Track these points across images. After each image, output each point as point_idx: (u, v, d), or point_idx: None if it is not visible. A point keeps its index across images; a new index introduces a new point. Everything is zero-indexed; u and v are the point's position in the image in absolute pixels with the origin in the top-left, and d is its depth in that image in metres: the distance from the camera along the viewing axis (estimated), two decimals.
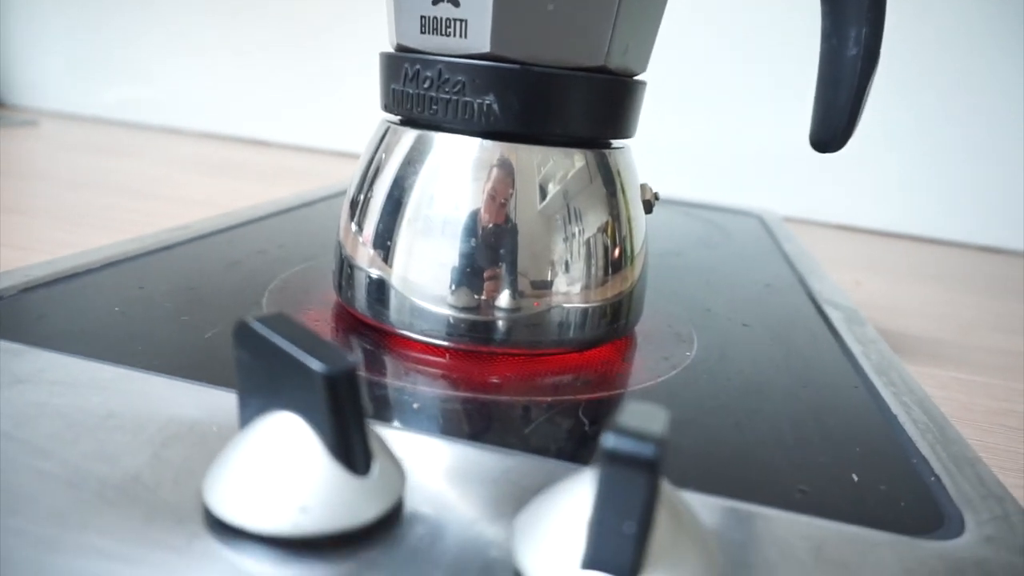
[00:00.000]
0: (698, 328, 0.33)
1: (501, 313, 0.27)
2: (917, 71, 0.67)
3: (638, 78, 0.29)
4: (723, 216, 0.65)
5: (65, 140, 0.72)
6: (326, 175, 0.68)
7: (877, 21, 0.27)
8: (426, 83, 0.26)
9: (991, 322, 0.44)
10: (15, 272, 0.30)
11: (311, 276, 0.35)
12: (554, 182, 0.27)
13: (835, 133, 0.29)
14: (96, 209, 0.46)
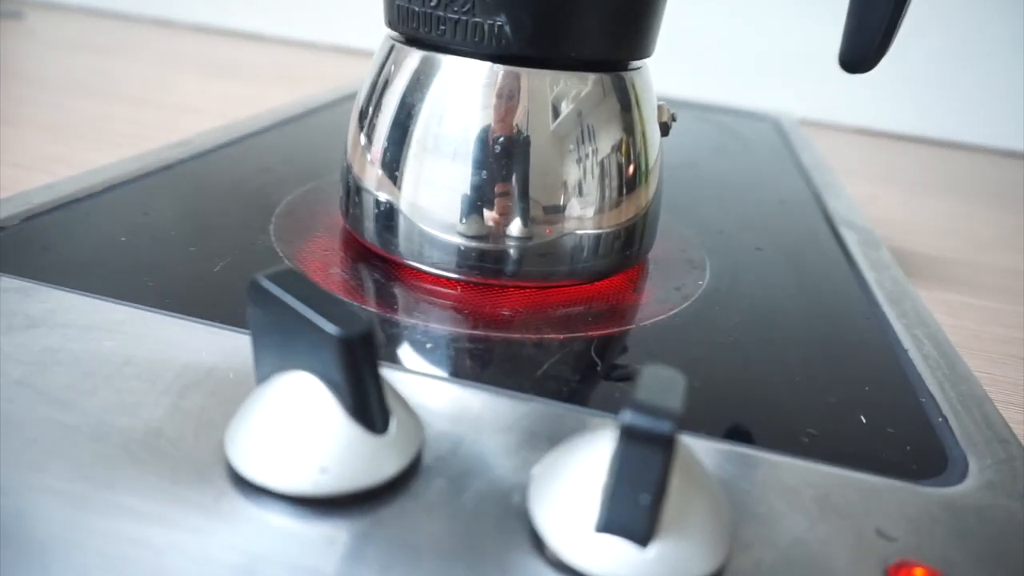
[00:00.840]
0: (711, 252, 0.33)
1: (513, 242, 0.26)
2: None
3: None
4: (738, 120, 0.62)
5: (53, 36, 0.69)
6: (325, 77, 0.66)
7: None
8: (433, 1, 0.25)
9: (1007, 239, 0.43)
10: (16, 199, 0.29)
11: (317, 198, 0.34)
12: (568, 108, 0.26)
13: (867, 53, 0.27)
14: (90, 119, 0.44)
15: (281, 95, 0.56)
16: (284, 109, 0.47)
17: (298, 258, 0.28)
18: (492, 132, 0.25)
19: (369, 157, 0.28)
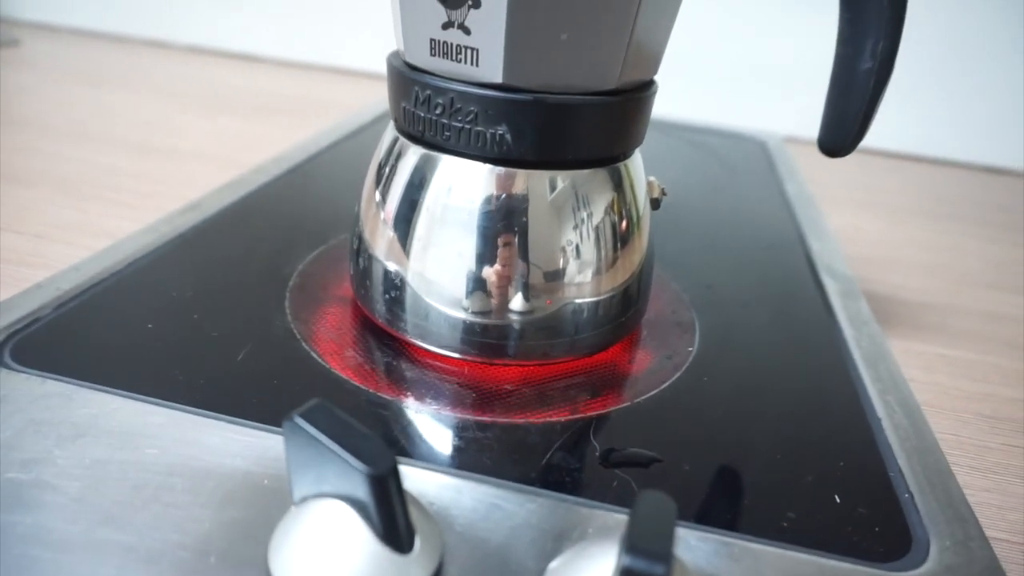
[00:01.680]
0: (699, 311, 0.35)
1: (514, 330, 0.28)
2: None
3: (652, 79, 0.29)
4: (726, 143, 0.64)
5: (51, 65, 0.69)
6: (321, 104, 0.67)
7: (894, 35, 0.26)
8: (438, 109, 0.26)
9: (986, 275, 0.45)
10: (47, 286, 0.31)
11: (326, 266, 0.36)
12: (565, 200, 0.27)
13: (845, 141, 0.29)
14: (97, 172, 0.46)
15: (281, 131, 0.57)
16: (287, 156, 0.48)
17: (315, 340, 0.30)
18: (493, 226, 0.27)
19: (376, 245, 0.29)
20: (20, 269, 0.34)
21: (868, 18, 0.26)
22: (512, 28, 0.24)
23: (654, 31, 0.27)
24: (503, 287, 0.28)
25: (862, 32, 0.27)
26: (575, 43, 0.25)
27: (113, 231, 0.38)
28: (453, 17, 0.25)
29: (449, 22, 0.25)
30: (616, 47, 0.25)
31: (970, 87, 0.68)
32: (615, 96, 0.26)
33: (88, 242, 0.37)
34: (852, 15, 0.27)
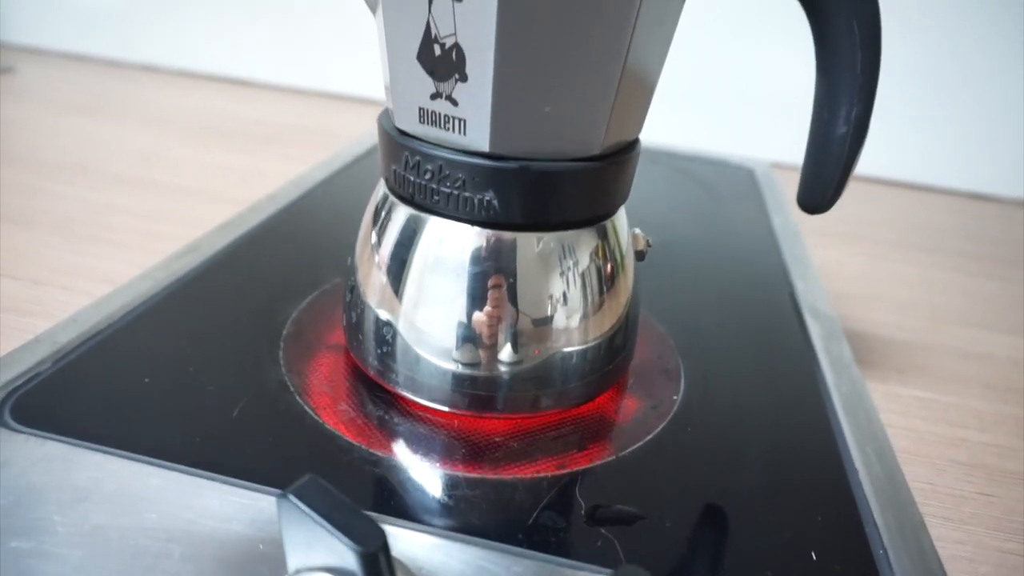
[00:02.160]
0: (685, 355, 0.36)
1: (503, 382, 0.29)
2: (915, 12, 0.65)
3: (636, 138, 0.30)
4: (713, 171, 0.65)
5: (45, 93, 0.70)
6: (317, 134, 0.68)
7: (869, 101, 0.27)
8: (427, 175, 0.27)
9: (963, 310, 0.46)
10: (44, 339, 0.31)
11: (320, 313, 0.36)
12: (552, 258, 0.28)
13: (822, 200, 0.30)
14: (94, 211, 0.46)
15: (275, 163, 0.58)
16: (281, 194, 0.49)
17: (309, 393, 0.30)
18: (481, 284, 0.28)
19: (368, 300, 0.30)
20: (20, 318, 0.35)
21: (842, 86, 0.27)
22: (498, 101, 0.25)
23: (637, 97, 0.28)
24: (492, 341, 0.29)
25: (837, 98, 0.28)
26: (559, 114, 0.26)
27: (110, 274, 0.39)
28: (441, 89, 0.26)
29: (437, 93, 0.26)
30: (599, 116, 0.26)
31: (952, 112, 0.69)
32: (599, 161, 0.27)
33: (86, 287, 0.38)
34: (827, 81, 0.28)
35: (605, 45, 0.25)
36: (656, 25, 0.26)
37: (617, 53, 0.25)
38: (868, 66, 0.27)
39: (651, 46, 0.27)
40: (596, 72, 0.25)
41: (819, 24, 0.27)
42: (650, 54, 0.27)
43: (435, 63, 0.25)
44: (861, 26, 0.26)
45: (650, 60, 0.27)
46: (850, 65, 0.27)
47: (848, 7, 0.26)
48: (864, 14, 0.26)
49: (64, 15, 0.82)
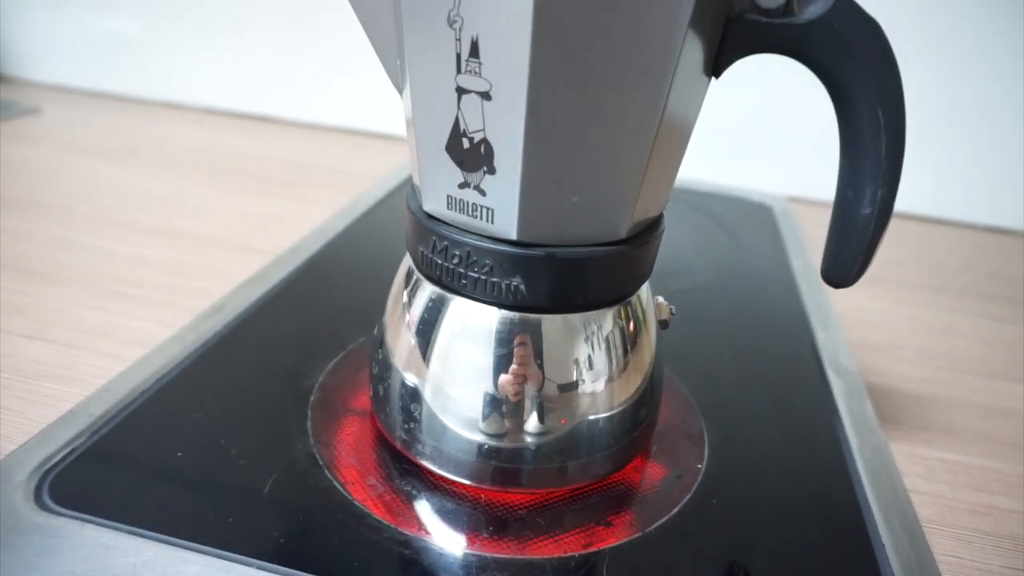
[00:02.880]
0: (708, 418, 0.36)
1: (528, 458, 0.29)
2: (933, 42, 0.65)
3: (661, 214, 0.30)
4: (731, 209, 0.65)
5: (71, 136, 0.71)
6: (339, 174, 0.68)
7: (893, 183, 0.27)
8: (454, 259, 0.28)
9: (985, 360, 0.46)
10: (80, 413, 0.32)
11: (345, 377, 0.37)
12: (577, 340, 0.29)
13: (846, 275, 0.30)
14: (122, 264, 0.47)
15: (297, 208, 0.58)
16: (305, 245, 0.50)
17: (337, 466, 0.31)
18: (507, 363, 0.28)
19: (394, 375, 0.31)
20: (53, 385, 0.35)
21: (866, 167, 0.27)
22: (526, 193, 0.25)
23: (663, 179, 0.28)
24: (518, 417, 0.29)
25: (861, 180, 0.28)
26: (586, 203, 0.26)
27: (140, 335, 0.39)
28: (470, 179, 0.26)
29: (465, 183, 0.26)
30: (626, 203, 0.27)
31: (968, 144, 0.68)
32: (625, 244, 0.28)
33: (117, 349, 0.38)
34: (851, 162, 0.28)
35: (632, 138, 0.25)
36: (683, 112, 0.26)
37: (644, 145, 0.25)
38: (892, 149, 0.27)
39: (678, 132, 0.27)
40: (623, 163, 0.25)
41: (842, 106, 0.27)
42: (677, 139, 0.27)
43: (464, 155, 0.26)
44: (885, 110, 0.26)
45: (677, 145, 0.28)
46: (874, 148, 0.27)
47: (872, 91, 0.26)
48: (888, 98, 0.26)
49: (89, 52, 0.84)
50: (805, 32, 0.25)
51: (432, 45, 0.24)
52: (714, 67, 0.27)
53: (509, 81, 0.23)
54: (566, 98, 0.23)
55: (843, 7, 0.25)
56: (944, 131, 0.68)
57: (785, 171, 0.72)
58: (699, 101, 0.28)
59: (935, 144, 0.68)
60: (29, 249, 0.48)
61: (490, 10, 0.22)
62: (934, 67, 0.65)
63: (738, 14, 0.25)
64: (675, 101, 0.25)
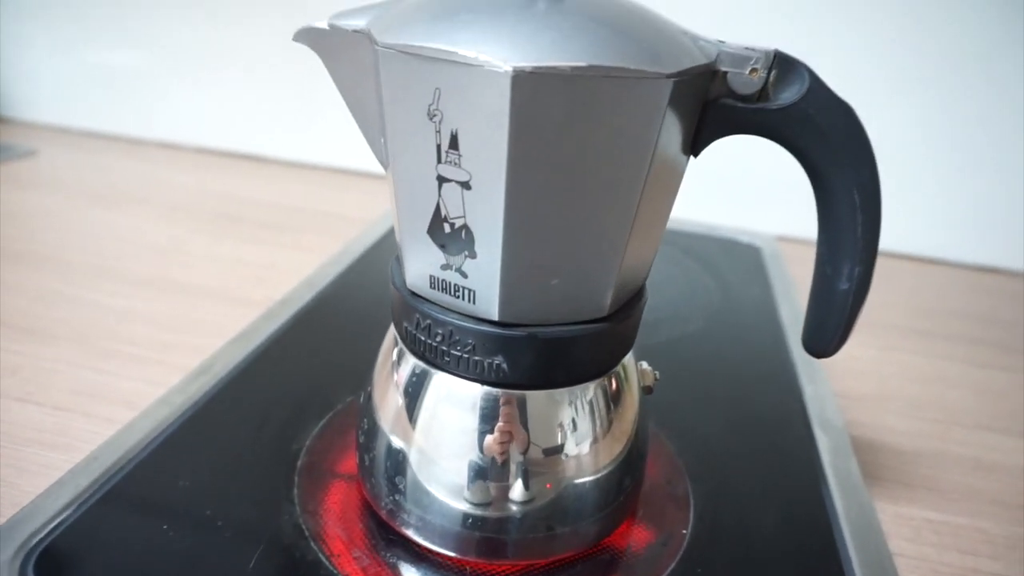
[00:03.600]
0: (694, 478, 0.36)
1: (514, 531, 0.29)
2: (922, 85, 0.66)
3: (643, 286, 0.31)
4: (721, 251, 0.66)
5: (67, 180, 0.72)
6: (331, 218, 0.69)
7: (870, 261, 0.28)
8: (437, 337, 0.28)
9: (974, 410, 0.46)
10: (68, 483, 0.32)
11: (332, 439, 0.37)
12: (561, 413, 0.29)
13: (826, 347, 0.30)
14: (115, 320, 0.47)
15: (289, 255, 0.59)
16: (295, 297, 0.50)
17: (323, 537, 0.31)
18: (490, 435, 0.29)
19: (379, 446, 0.31)
20: (43, 452, 0.35)
21: (844, 245, 0.28)
22: (506, 276, 0.26)
23: (643, 256, 0.29)
24: (502, 491, 0.29)
25: (839, 257, 0.28)
26: (566, 285, 0.26)
27: (130, 396, 0.40)
28: (452, 262, 0.26)
29: (448, 265, 0.27)
30: (606, 283, 0.27)
31: (959, 183, 0.69)
32: (607, 321, 0.28)
33: (107, 412, 0.38)
34: (829, 240, 0.28)
35: (611, 222, 0.25)
36: (662, 192, 0.27)
37: (623, 228, 0.26)
38: (868, 229, 0.27)
39: (657, 211, 0.28)
40: (602, 246, 0.26)
41: (819, 187, 0.28)
42: (656, 218, 0.28)
43: (445, 239, 0.26)
44: (860, 192, 0.27)
45: (656, 223, 0.28)
46: (851, 227, 0.27)
47: (847, 174, 0.27)
48: (863, 180, 0.27)
49: (86, 92, 0.85)
50: (780, 117, 0.26)
51: (413, 135, 0.25)
52: (693, 147, 0.27)
53: (488, 172, 0.23)
54: (544, 189, 0.24)
55: (816, 93, 0.26)
56: (932, 168, 0.69)
57: (774, 209, 0.72)
58: (678, 179, 0.28)
59: (925, 181, 0.69)
60: (24, 304, 0.48)
61: (468, 106, 0.23)
62: (925, 107, 0.66)
63: (714, 99, 0.26)
64: (653, 184, 0.26)
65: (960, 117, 0.66)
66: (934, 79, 0.65)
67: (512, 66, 0.21)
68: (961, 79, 0.65)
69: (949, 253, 0.71)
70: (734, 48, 0.25)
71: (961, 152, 0.68)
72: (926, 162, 0.68)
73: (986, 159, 0.68)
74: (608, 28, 0.23)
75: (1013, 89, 0.64)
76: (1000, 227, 0.70)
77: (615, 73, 0.22)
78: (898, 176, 0.71)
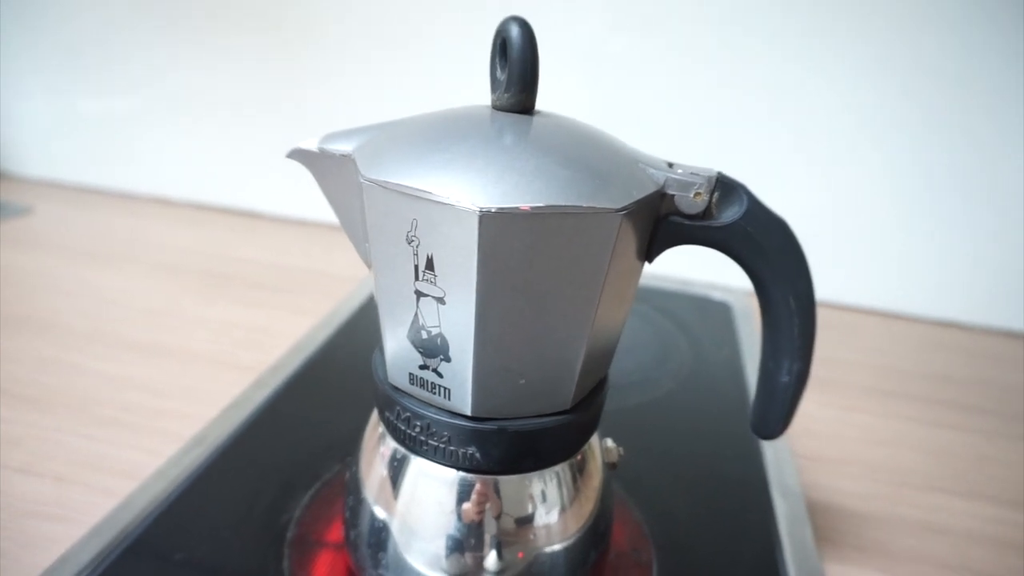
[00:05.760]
0: (657, 542, 0.39)
1: None
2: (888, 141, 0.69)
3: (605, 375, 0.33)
4: (692, 309, 0.69)
5: (62, 240, 0.74)
6: (321, 277, 0.71)
7: (806, 358, 0.31)
8: (416, 428, 0.31)
9: (926, 472, 0.49)
10: (70, 559, 0.34)
11: (321, 510, 0.39)
12: (531, 493, 0.32)
13: (771, 432, 0.33)
14: (111, 388, 0.49)
15: (280, 316, 0.61)
16: (284, 364, 0.53)
17: None
18: (465, 514, 0.31)
19: (363, 523, 0.33)
20: (43, 524, 0.37)
21: (783, 345, 0.31)
22: (477, 377, 0.28)
23: (602, 355, 0.32)
24: (476, 564, 0.32)
25: (779, 354, 0.31)
26: (532, 385, 0.29)
27: (127, 466, 0.42)
28: (429, 363, 0.29)
29: (425, 365, 0.29)
30: (568, 381, 0.30)
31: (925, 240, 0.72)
32: (571, 412, 0.31)
33: (106, 483, 0.41)
34: (770, 340, 0.31)
35: (571, 330, 0.28)
36: (618, 299, 0.30)
37: (582, 333, 0.28)
38: (804, 331, 0.30)
39: (614, 316, 0.30)
40: (563, 350, 0.29)
41: (760, 294, 0.31)
42: (614, 321, 0.31)
43: (423, 344, 0.29)
44: (796, 300, 0.30)
45: (614, 325, 0.31)
46: (788, 329, 0.30)
47: (783, 283, 0.30)
48: (798, 289, 0.30)
49: (76, 144, 0.88)
50: (723, 234, 0.29)
51: (394, 254, 0.27)
52: (647, 255, 0.30)
53: (460, 291, 0.26)
54: (509, 305, 0.27)
55: (754, 212, 0.29)
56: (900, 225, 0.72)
57: None
58: (634, 284, 0.31)
59: (892, 238, 0.72)
60: (23, 373, 0.50)
61: (441, 236, 0.26)
62: (888, 162, 0.70)
63: (665, 215, 0.29)
64: (609, 293, 0.28)
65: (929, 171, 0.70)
66: (901, 136, 0.69)
67: (479, 207, 0.24)
68: (928, 137, 0.68)
69: (912, 307, 0.75)
70: (680, 174, 0.28)
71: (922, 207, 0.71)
72: (890, 216, 0.72)
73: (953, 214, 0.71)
74: (566, 168, 0.26)
75: (980, 145, 0.67)
76: (960, 282, 0.73)
77: (570, 210, 0.25)
78: (865, 230, 0.74)
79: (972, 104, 0.66)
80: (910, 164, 0.69)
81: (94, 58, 0.82)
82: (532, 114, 0.29)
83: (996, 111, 0.66)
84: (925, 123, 0.68)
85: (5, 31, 0.83)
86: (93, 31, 0.81)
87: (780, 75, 0.68)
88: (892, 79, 0.66)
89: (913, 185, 0.70)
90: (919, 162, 0.69)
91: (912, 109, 0.67)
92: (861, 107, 0.68)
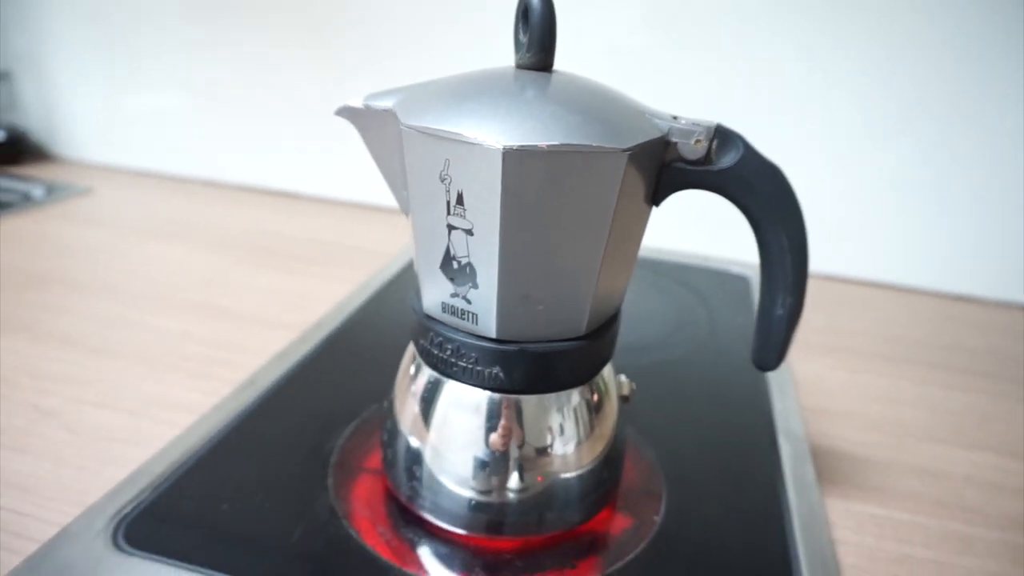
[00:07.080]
0: (668, 478, 0.42)
1: (511, 510, 0.36)
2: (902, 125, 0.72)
3: (617, 310, 0.37)
4: (712, 282, 0.72)
5: (121, 216, 0.80)
6: (357, 252, 0.76)
7: (799, 294, 0.34)
8: (447, 351, 0.35)
9: (928, 426, 0.52)
10: (144, 471, 0.39)
11: (360, 441, 0.44)
12: (551, 413, 0.35)
13: (769, 362, 0.36)
14: (172, 340, 0.54)
15: (320, 284, 0.66)
16: (326, 321, 0.57)
17: (353, 517, 0.37)
18: (492, 432, 0.35)
19: (400, 442, 0.37)
20: (120, 447, 0.42)
21: (778, 281, 0.34)
22: (501, 303, 0.32)
23: (614, 289, 0.35)
24: (502, 476, 0.35)
25: (774, 290, 0.34)
26: (549, 310, 0.33)
27: (189, 403, 0.47)
28: (459, 291, 0.33)
29: (456, 293, 0.33)
30: (582, 310, 0.33)
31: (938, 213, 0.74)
32: (584, 339, 0.35)
33: (170, 416, 0.45)
34: (766, 276, 0.35)
35: (584, 262, 0.32)
36: (627, 237, 0.34)
37: (594, 266, 0.32)
38: (796, 269, 0.34)
39: (624, 252, 0.34)
40: (577, 281, 0.33)
41: (757, 233, 0.34)
42: (624, 258, 0.35)
43: (454, 274, 0.33)
44: (789, 238, 0.33)
45: (624, 261, 0.35)
46: (782, 266, 0.34)
47: (776, 222, 0.33)
48: (791, 229, 0.33)
49: (132, 136, 0.94)
50: (721, 178, 0.33)
51: (429, 193, 0.32)
52: (654, 199, 0.34)
53: (486, 223, 0.30)
54: (529, 236, 0.30)
55: (749, 159, 0.32)
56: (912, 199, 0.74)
57: None
58: (642, 226, 0.35)
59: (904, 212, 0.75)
60: (93, 329, 0.56)
61: (470, 173, 0.30)
62: (896, 136, 0.72)
63: (669, 162, 0.33)
64: (618, 231, 0.32)
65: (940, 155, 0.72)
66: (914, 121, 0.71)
67: (503, 145, 0.28)
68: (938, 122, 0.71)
69: (922, 281, 0.77)
70: (683, 124, 0.32)
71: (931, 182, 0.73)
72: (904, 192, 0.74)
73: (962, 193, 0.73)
74: (578, 114, 0.30)
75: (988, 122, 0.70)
76: (971, 257, 0.75)
77: (582, 149, 0.29)
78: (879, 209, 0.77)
79: (981, 80, 0.68)
80: (933, 150, 0.72)
81: (146, 57, 0.89)
82: (550, 72, 0.33)
83: (1006, 84, 0.68)
84: (935, 103, 0.70)
85: (67, 35, 0.90)
86: (143, 31, 0.87)
87: (794, 56, 0.71)
88: (908, 76, 0.69)
89: (924, 170, 0.72)
90: (937, 147, 0.71)
91: (921, 99, 0.70)
92: (875, 94, 0.70)
